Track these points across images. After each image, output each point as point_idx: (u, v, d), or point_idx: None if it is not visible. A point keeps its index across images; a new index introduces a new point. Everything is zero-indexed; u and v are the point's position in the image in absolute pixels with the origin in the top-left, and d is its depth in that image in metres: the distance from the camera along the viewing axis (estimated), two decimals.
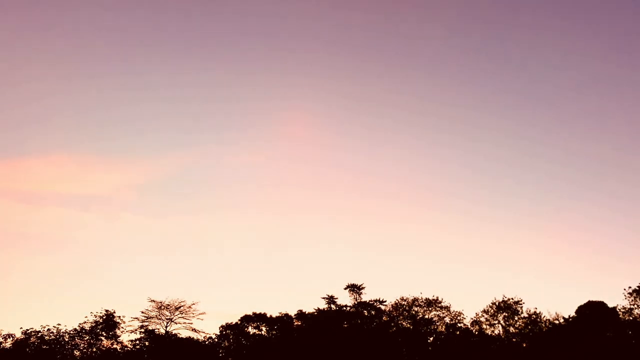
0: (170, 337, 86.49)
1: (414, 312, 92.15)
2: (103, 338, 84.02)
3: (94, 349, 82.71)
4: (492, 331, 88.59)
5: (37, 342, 79.77)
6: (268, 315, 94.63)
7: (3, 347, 79.12)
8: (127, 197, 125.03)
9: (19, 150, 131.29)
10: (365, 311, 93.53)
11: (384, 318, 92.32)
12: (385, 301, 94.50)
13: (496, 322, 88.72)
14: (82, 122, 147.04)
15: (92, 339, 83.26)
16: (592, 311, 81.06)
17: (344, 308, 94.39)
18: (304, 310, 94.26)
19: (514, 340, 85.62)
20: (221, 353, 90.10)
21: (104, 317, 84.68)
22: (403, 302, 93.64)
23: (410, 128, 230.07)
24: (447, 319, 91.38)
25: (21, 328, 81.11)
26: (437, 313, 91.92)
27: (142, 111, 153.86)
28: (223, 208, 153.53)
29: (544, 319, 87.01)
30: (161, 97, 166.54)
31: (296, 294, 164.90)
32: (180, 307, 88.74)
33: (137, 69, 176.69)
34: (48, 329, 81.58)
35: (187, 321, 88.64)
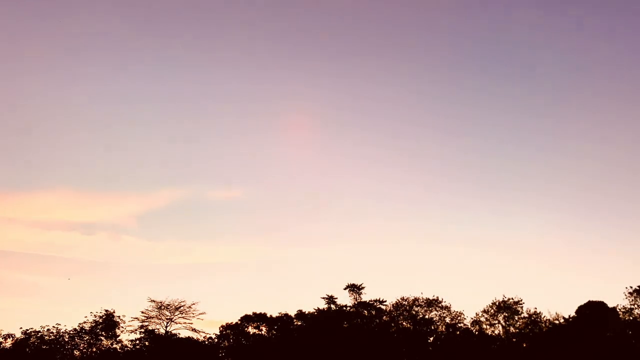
0: (170, 337, 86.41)
1: (414, 312, 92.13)
2: (103, 338, 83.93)
3: (94, 349, 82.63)
4: (492, 331, 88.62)
5: (37, 342, 79.69)
6: (268, 315, 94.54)
7: (3, 347, 79.05)
8: (127, 224, 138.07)
9: (29, 185, 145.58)
10: (366, 311, 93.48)
11: (384, 318, 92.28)
12: (385, 301, 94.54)
13: (496, 322, 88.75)
14: (85, 161, 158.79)
15: (92, 338, 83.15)
16: (592, 311, 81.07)
17: (344, 308, 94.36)
18: (304, 310, 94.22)
19: (514, 340, 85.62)
20: (221, 353, 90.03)
21: (104, 317, 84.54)
22: (403, 302, 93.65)
23: (410, 128, 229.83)
24: (447, 319, 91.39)
25: (21, 328, 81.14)
26: (438, 313, 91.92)
27: (137, 151, 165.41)
28: (217, 228, 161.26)
29: (544, 319, 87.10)
30: (154, 137, 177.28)
31: (296, 294, 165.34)
32: (180, 307, 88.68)
33: (134, 111, 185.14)
34: (48, 329, 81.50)
35: (187, 321, 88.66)
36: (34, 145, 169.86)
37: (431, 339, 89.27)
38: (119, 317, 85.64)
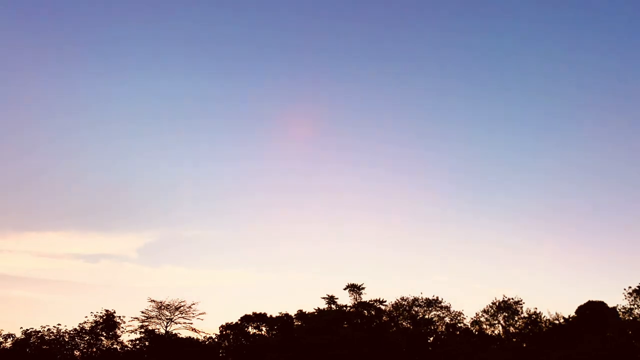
0: (170, 337, 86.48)
1: (414, 312, 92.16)
2: (103, 338, 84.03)
3: (94, 349, 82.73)
4: (492, 331, 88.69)
5: (37, 342, 79.79)
6: (268, 315, 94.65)
7: (3, 347, 79.13)
8: (128, 254, 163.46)
9: (39, 227, 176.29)
10: (366, 311, 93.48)
11: (384, 318, 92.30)
12: (385, 301, 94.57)
13: (496, 322, 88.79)
14: (88, 208, 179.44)
15: (92, 338, 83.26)
16: (592, 311, 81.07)
17: (344, 308, 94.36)
18: (304, 310, 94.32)
19: (514, 340, 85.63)
20: (221, 353, 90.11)
21: (104, 317, 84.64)
22: (403, 302, 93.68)
23: (410, 127, 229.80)
24: (447, 319, 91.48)
25: (21, 328, 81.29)
26: (437, 313, 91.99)
27: (130, 202, 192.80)
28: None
29: (544, 319, 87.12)
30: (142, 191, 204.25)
31: (296, 294, 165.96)
32: (180, 307, 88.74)
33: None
34: (48, 329, 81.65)
35: (187, 321, 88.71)
36: (43, 192, 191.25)
37: (431, 339, 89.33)
38: (119, 317, 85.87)
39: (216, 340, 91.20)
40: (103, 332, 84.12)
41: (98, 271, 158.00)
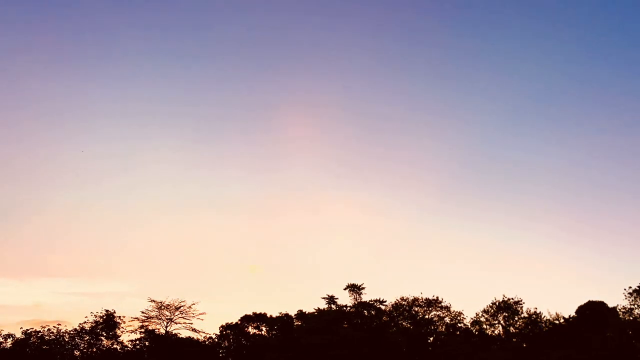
0: (170, 337, 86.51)
1: (414, 312, 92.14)
2: (103, 338, 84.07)
3: (94, 349, 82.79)
4: (492, 331, 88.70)
5: (37, 342, 79.83)
6: (268, 315, 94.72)
7: (3, 347, 79.19)
8: (129, 291, 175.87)
9: (42, 273, 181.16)
10: (366, 311, 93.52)
11: (384, 318, 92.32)
12: (385, 301, 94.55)
13: (496, 322, 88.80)
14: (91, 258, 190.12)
15: (92, 339, 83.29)
16: (592, 311, 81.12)
17: (344, 308, 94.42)
18: (304, 310, 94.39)
19: (514, 340, 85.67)
20: (221, 353, 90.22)
21: (104, 317, 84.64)
22: (403, 302, 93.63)
23: (410, 127, 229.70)
24: (447, 319, 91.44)
25: (21, 328, 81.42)
26: (437, 313, 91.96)
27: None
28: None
29: (544, 319, 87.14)
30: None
31: (296, 294, 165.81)
32: (180, 307, 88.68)
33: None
34: (48, 329, 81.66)
35: (187, 321, 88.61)
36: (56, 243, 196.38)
37: (431, 339, 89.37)
38: (119, 317, 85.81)
39: (216, 340, 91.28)
40: (103, 332, 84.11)
41: (103, 303, 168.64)
